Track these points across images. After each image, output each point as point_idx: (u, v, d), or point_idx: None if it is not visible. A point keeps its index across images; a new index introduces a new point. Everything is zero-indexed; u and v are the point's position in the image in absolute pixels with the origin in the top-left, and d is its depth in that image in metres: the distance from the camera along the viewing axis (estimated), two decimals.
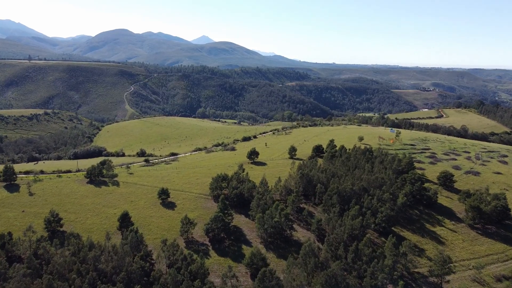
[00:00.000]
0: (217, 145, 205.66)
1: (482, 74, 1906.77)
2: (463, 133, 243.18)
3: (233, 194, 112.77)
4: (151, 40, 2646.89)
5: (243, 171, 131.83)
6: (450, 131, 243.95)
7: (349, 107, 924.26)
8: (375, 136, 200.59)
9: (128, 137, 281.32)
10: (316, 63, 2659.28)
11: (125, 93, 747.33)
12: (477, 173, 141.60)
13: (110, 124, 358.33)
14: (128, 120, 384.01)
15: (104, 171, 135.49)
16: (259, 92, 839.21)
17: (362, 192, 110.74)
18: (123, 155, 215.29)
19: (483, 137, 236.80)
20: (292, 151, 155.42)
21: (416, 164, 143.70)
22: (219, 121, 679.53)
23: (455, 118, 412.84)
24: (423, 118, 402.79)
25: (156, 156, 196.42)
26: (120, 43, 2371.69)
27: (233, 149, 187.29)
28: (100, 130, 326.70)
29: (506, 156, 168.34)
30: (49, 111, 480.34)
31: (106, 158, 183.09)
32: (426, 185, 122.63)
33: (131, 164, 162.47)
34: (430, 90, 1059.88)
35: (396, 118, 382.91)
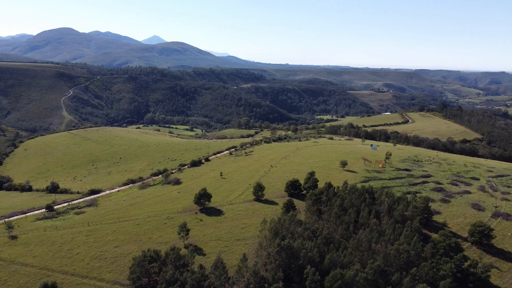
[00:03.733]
0: (157, 173, 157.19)
1: (428, 75, 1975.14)
2: (449, 146, 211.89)
3: None
4: (99, 39, 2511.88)
5: (187, 235, 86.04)
6: (435, 145, 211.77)
7: (306, 109, 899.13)
8: (357, 156, 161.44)
9: (49, 157, 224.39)
10: (270, 63, 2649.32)
11: (63, 98, 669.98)
12: (507, 216, 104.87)
13: (33, 138, 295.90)
14: (57, 132, 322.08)
15: None
16: (213, 95, 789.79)
17: (378, 278, 68.44)
18: (30, 189, 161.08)
19: (471, 151, 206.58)
20: (258, 189, 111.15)
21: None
22: (169, 127, 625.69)
23: (422, 123, 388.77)
24: (390, 124, 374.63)
25: (72, 191, 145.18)
26: (65, 42, 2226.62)
27: (177, 182, 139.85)
28: (17, 147, 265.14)
29: None
30: None
31: None
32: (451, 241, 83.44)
33: (25, 214, 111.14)
34: (384, 91, 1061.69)
35: (363, 125, 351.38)
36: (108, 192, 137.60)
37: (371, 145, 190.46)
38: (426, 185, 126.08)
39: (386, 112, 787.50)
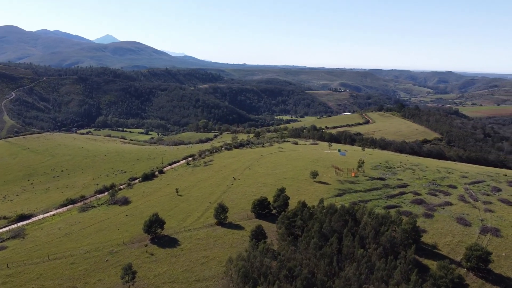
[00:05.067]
0: (103, 190, 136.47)
1: (381, 74, 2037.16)
2: (417, 149, 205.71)
3: None
4: (47, 38, 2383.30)
5: (132, 279, 68.34)
6: (402, 148, 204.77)
7: (265, 109, 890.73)
8: (327, 164, 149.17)
9: None
10: (227, 63, 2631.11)
11: (4, 101, 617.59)
12: (495, 231, 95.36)
13: None
14: None
15: None
16: (169, 97, 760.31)
17: None
18: None
19: (438, 153, 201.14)
20: (221, 210, 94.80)
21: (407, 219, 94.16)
22: (123, 130, 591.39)
23: (383, 123, 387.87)
24: (352, 125, 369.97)
25: None
26: (9, 41, 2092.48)
27: (125, 201, 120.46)
28: None
29: (499, 189, 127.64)
30: None
31: None
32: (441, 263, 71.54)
33: None
34: (341, 91, 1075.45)
35: (326, 127, 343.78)
36: (41, 216, 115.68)
37: (339, 150, 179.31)
38: (405, 197, 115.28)
39: (345, 111, 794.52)
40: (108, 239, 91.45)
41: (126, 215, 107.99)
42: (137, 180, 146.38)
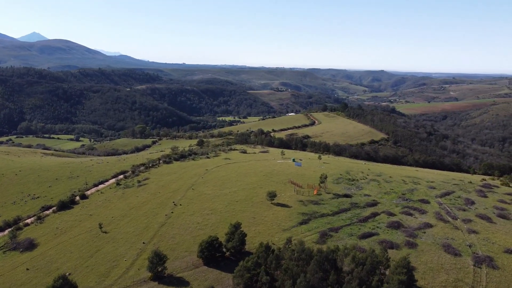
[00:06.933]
0: (2, 227, 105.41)
1: (319, 73, 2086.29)
2: (373, 154, 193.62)
3: None
4: None
5: None
6: (358, 153, 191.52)
7: (207, 110, 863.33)
8: (283, 179, 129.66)
9: None
10: (166, 63, 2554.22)
11: None
12: (490, 261, 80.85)
13: None
14: None
15: None
16: (102, 99, 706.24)
17: None
18: None
19: (395, 158, 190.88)
20: (157, 260, 70.69)
21: (390, 252, 77.14)
22: (50, 137, 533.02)
23: (329, 124, 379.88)
24: (299, 127, 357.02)
25: None
26: None
27: (30, 245, 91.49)
28: None
29: (473, 202, 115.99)
30: None
31: None
32: None
33: None
34: (283, 91, 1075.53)
35: (273, 130, 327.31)
36: None
37: (294, 160, 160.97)
38: (379, 219, 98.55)
39: (288, 111, 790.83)
40: None
41: (27, 269, 79.96)
42: (51, 210, 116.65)
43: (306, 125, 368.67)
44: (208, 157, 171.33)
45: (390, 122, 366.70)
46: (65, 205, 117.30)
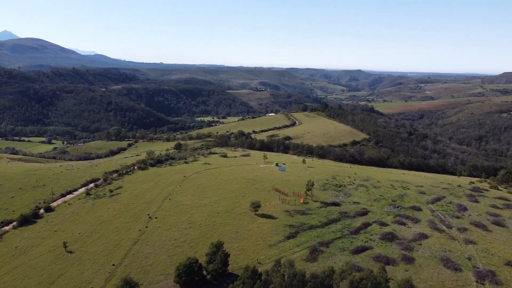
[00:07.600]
0: None
1: (298, 73, 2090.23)
2: (358, 157, 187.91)
3: None
4: None
5: None
6: (342, 156, 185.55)
7: (185, 111, 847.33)
8: (267, 186, 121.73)
9: None
10: (143, 63, 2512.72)
11: None
12: (492, 276, 75.20)
13: None
14: None
15: None
16: (76, 99, 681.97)
17: None
18: None
19: (380, 161, 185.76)
20: (127, 287, 61.51)
21: (387, 268, 70.53)
22: (20, 140, 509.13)
23: (310, 125, 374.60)
24: (280, 127, 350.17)
25: None
26: None
27: None
28: None
29: (466, 208, 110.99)
30: None
31: None
32: None
33: None
34: (262, 90, 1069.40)
35: (253, 131, 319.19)
36: None
37: (277, 164, 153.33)
38: (371, 230, 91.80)
39: (267, 111, 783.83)
40: None
41: None
42: (11, 225, 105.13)
43: (287, 126, 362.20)
44: (186, 162, 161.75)
45: (370, 122, 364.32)
46: (27, 219, 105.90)
